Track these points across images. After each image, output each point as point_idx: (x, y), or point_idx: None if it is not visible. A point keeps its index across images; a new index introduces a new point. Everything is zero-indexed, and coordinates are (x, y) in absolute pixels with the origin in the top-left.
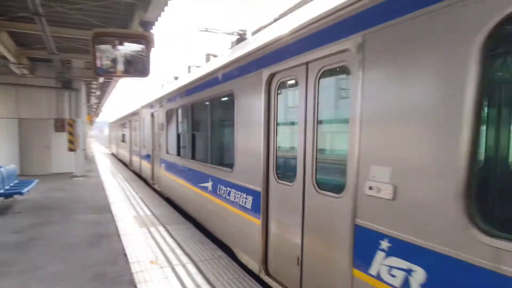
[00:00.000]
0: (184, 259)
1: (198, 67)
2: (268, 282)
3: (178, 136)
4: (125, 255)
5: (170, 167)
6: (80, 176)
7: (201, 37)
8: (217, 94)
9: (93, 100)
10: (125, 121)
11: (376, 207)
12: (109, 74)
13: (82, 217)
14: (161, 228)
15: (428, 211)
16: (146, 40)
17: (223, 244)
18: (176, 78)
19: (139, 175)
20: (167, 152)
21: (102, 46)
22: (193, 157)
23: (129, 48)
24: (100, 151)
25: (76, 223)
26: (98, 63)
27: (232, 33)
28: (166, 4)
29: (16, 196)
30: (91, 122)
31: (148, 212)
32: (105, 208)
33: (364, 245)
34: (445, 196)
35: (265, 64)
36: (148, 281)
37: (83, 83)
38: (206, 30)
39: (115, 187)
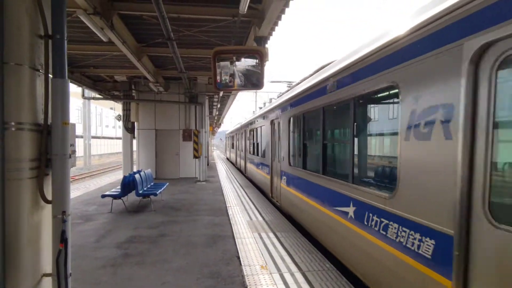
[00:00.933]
0: (293, 267)
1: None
2: None
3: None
4: (238, 257)
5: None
6: (202, 181)
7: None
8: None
9: (215, 112)
10: (241, 131)
11: None
12: (228, 88)
13: (203, 218)
14: (271, 235)
15: None
16: (260, 54)
17: (330, 254)
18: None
19: (252, 182)
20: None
21: (222, 63)
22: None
23: (245, 63)
24: (219, 157)
25: (198, 223)
26: (218, 78)
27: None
28: (279, 19)
29: (151, 197)
30: (213, 132)
31: (260, 218)
32: (223, 211)
33: None
34: None
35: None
36: (258, 285)
37: (206, 97)
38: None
39: (231, 192)
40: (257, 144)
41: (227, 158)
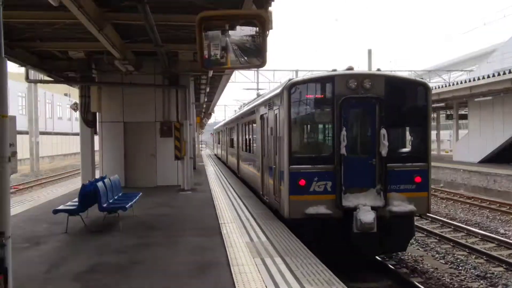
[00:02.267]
0: None
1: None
2: None
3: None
4: None
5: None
6: (187, 190)
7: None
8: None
9: (203, 99)
10: (232, 125)
11: None
12: (219, 66)
13: (188, 240)
14: (278, 260)
15: None
16: (261, 21)
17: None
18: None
19: (246, 183)
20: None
21: (211, 33)
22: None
23: (241, 33)
24: (210, 157)
25: (181, 247)
26: (206, 53)
27: None
28: None
29: (120, 212)
30: (201, 125)
31: (264, 238)
32: (214, 230)
33: None
34: None
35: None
36: None
37: (191, 78)
38: None
39: (225, 204)
40: (251, 140)
41: (215, 155)
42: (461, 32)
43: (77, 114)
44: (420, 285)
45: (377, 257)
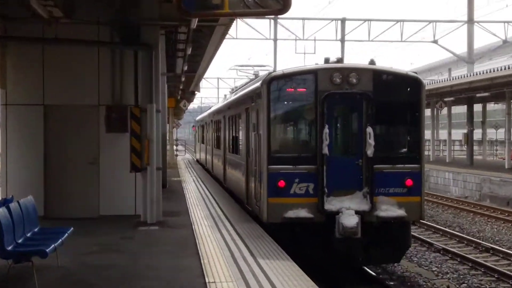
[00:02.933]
0: None
1: None
2: None
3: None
4: None
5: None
6: (152, 224)
7: None
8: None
9: (181, 67)
10: (217, 117)
11: None
12: (209, 11)
13: None
14: None
15: None
16: None
17: None
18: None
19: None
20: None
21: None
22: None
23: None
24: (190, 166)
25: None
26: None
27: None
28: None
29: (35, 259)
30: (178, 112)
31: None
32: None
33: None
34: None
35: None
36: None
37: (161, 32)
38: None
39: (218, 248)
40: (238, 138)
41: (197, 161)
42: None
43: None
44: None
45: (367, 268)
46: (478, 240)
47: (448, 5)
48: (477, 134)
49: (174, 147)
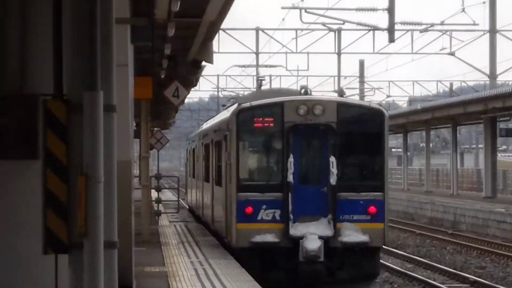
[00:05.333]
0: None
1: None
2: None
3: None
4: None
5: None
6: None
7: None
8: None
9: (165, 2)
10: (207, 141)
11: None
12: None
13: None
14: None
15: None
16: None
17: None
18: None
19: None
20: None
21: None
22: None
23: None
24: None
25: None
26: None
27: None
28: None
29: None
30: (165, 111)
31: None
32: None
33: None
34: None
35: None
36: None
37: None
38: None
39: None
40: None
41: (189, 208)
42: None
43: None
44: None
45: None
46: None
47: (462, 13)
48: None
49: (152, 192)
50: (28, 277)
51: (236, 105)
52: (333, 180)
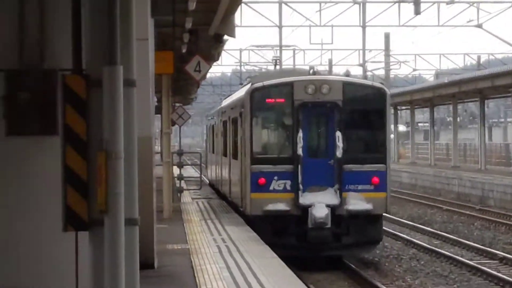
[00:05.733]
0: None
1: None
2: None
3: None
4: None
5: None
6: None
7: None
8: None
9: None
10: (225, 118)
11: None
12: None
13: None
14: None
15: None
16: None
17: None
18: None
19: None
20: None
21: None
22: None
23: None
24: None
25: None
26: None
27: None
28: None
29: None
30: (185, 87)
31: None
32: None
33: None
34: None
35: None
36: None
37: None
38: None
39: None
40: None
41: (210, 184)
42: None
43: None
44: (366, 275)
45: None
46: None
47: None
48: None
49: (174, 168)
50: (49, 254)
51: (250, 84)
52: (339, 153)
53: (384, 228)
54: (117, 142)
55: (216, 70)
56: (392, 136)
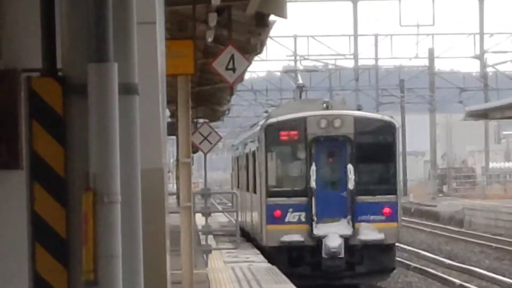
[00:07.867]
0: None
1: None
2: None
3: None
4: None
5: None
6: None
7: None
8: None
9: None
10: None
11: None
12: None
13: None
14: None
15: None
16: None
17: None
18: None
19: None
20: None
21: None
22: None
23: None
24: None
25: None
26: None
27: None
28: None
29: None
30: (215, 92)
31: None
32: None
33: None
34: None
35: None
36: None
37: None
38: None
39: None
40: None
41: (243, 231)
42: None
43: None
44: None
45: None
46: None
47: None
48: None
49: (197, 216)
50: None
51: (265, 119)
52: (351, 185)
53: None
54: (111, 178)
55: (259, 69)
56: None
